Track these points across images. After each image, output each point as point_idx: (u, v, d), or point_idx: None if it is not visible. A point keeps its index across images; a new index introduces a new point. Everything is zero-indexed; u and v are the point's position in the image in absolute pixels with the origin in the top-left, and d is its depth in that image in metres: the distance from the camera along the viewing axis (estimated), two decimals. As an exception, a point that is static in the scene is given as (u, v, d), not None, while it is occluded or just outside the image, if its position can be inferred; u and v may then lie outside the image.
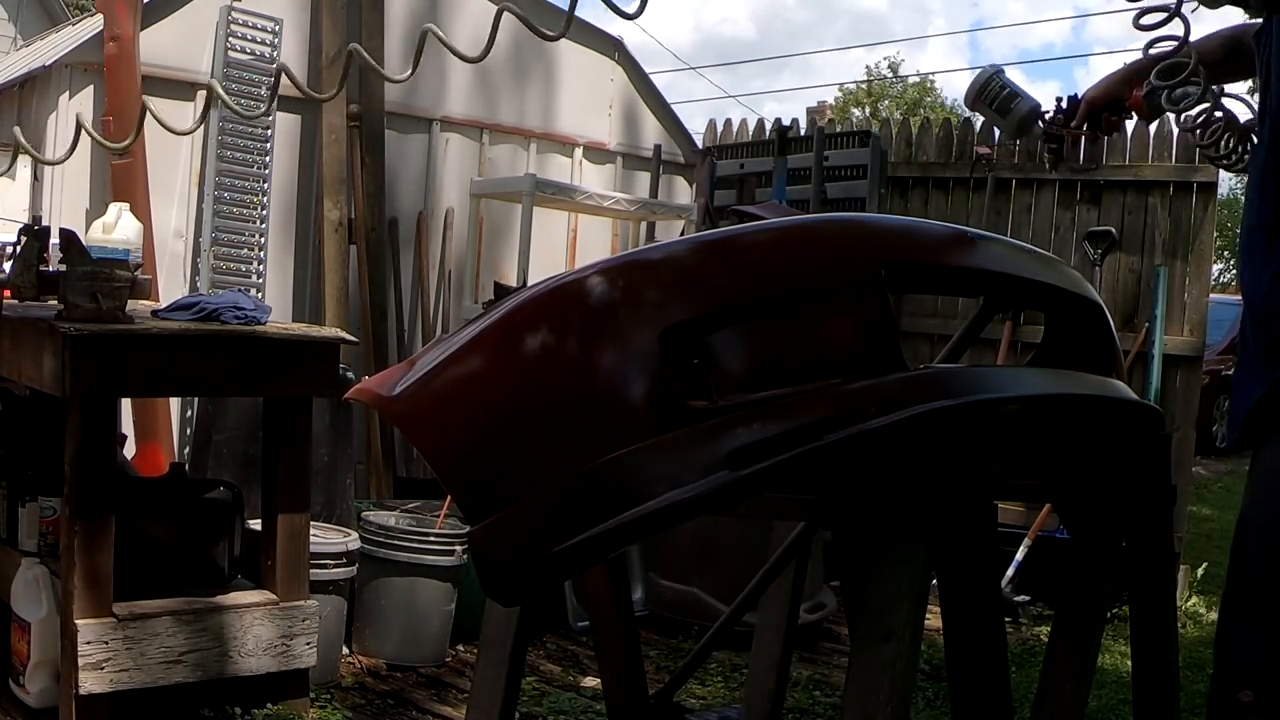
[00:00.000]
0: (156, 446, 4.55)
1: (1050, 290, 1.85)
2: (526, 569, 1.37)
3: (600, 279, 1.46)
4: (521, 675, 2.08)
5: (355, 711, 3.41)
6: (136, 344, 2.96)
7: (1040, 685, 1.99)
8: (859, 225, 1.73)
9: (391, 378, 1.54)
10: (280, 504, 3.28)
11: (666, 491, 1.32)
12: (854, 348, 1.45)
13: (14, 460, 3.46)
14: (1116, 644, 4.32)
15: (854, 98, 32.31)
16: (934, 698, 3.72)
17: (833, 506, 1.64)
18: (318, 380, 3.27)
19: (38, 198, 4.71)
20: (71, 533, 2.91)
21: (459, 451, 1.42)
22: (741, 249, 1.53)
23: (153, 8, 4.73)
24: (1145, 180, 5.42)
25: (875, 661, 1.44)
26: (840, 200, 5.82)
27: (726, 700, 3.64)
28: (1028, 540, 4.85)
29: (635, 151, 6.52)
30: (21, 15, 13.75)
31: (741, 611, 2.34)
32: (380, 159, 5.30)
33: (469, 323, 1.54)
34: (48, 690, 3.11)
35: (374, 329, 5.24)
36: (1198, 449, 5.91)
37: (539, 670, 3.85)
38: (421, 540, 3.83)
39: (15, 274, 3.36)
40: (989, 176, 5.74)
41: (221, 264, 4.87)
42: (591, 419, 1.37)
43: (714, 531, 4.18)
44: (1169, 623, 2.00)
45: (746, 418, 1.35)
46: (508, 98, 5.95)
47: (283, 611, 3.24)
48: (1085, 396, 1.76)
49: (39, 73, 4.81)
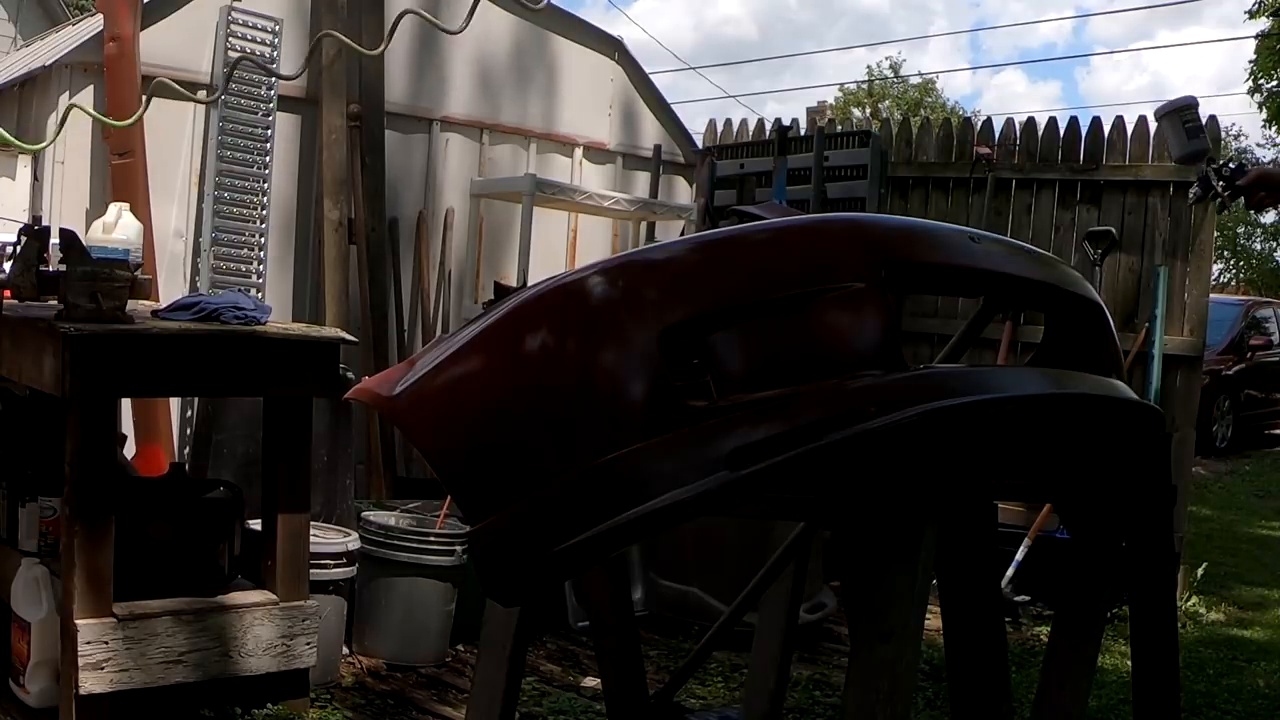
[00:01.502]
0: (156, 446, 4.55)
1: (1050, 290, 1.85)
2: (526, 569, 1.37)
3: (600, 279, 1.46)
4: (521, 675, 2.08)
5: (355, 711, 3.41)
6: (136, 344, 2.96)
7: (1040, 685, 1.99)
8: (859, 225, 1.73)
9: (391, 378, 1.54)
10: (280, 504, 3.28)
11: (667, 491, 1.32)
12: (854, 348, 1.45)
13: (14, 460, 3.46)
14: (1116, 644, 4.32)
15: (854, 98, 32.30)
16: (934, 698, 3.71)
17: (833, 506, 1.64)
18: (318, 380, 3.27)
19: (38, 198, 4.71)
20: (71, 533, 2.91)
21: (459, 451, 1.42)
22: (742, 249, 1.53)
23: (153, 8, 4.73)
24: (1145, 180, 5.41)
25: (875, 661, 1.44)
26: (840, 200, 5.82)
27: (726, 700, 3.64)
28: (1028, 540, 4.84)
29: (635, 151, 6.52)
30: (21, 15, 13.75)
31: (741, 611, 2.34)
32: (380, 159, 5.30)
33: (469, 323, 1.54)
34: (48, 690, 3.11)
35: (374, 329, 5.24)
36: (1198, 449, 5.91)
37: (539, 670, 3.85)
38: (421, 540, 3.83)
39: (15, 274, 3.36)
40: (989, 176, 5.74)
41: (221, 264, 4.87)
42: (591, 419, 1.37)
43: (714, 531, 4.17)
44: (1169, 623, 1.99)
45: (746, 418, 1.35)
46: (508, 98, 5.95)
47: (283, 611, 3.24)
48: (1085, 397, 1.76)
49: (39, 73, 4.81)
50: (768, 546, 2.53)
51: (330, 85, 5.08)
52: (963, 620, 1.78)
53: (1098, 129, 5.61)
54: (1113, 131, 5.55)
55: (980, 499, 1.82)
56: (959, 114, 29.09)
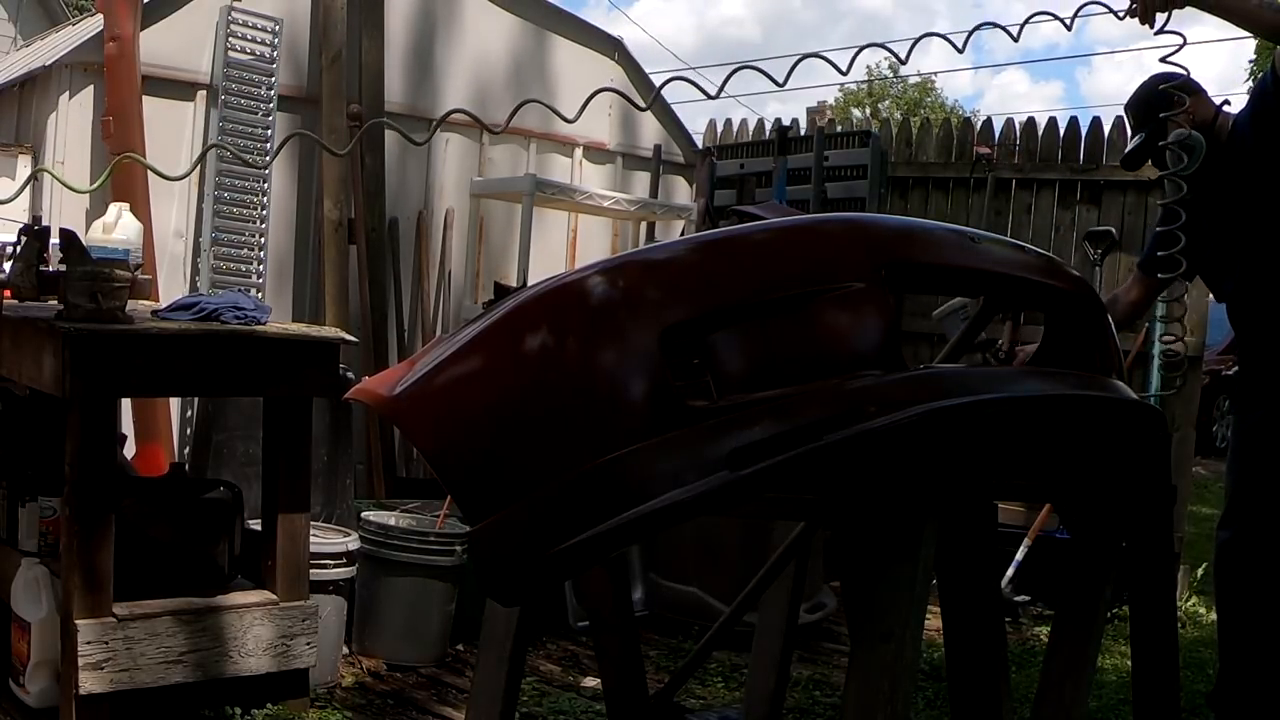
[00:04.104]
0: (156, 446, 4.55)
1: (1050, 290, 1.85)
2: (526, 569, 1.37)
3: (600, 279, 1.46)
4: (521, 675, 2.08)
5: (355, 711, 3.41)
6: (136, 344, 2.96)
7: (1040, 685, 1.99)
8: (859, 225, 1.73)
9: (391, 378, 1.54)
10: (280, 504, 3.28)
11: (667, 491, 1.32)
12: (854, 348, 1.45)
13: (14, 460, 3.46)
14: (1116, 644, 4.32)
15: (854, 98, 32.29)
16: (934, 698, 3.71)
17: (833, 506, 1.64)
18: (318, 380, 3.27)
19: (38, 198, 4.71)
20: (71, 533, 2.91)
21: (459, 451, 1.42)
22: (742, 249, 1.53)
23: (153, 8, 4.73)
24: (1145, 180, 5.41)
25: (875, 661, 1.45)
26: (840, 200, 5.82)
27: (726, 700, 3.64)
28: (1028, 540, 4.84)
29: (635, 151, 6.52)
30: (21, 15, 13.76)
31: (741, 611, 2.34)
32: (380, 159, 5.30)
33: (469, 323, 1.54)
34: (48, 690, 3.11)
35: (374, 329, 5.24)
36: (1198, 449, 5.90)
37: (539, 670, 3.84)
38: (421, 540, 3.83)
39: (15, 274, 3.36)
40: (989, 176, 5.74)
41: (221, 264, 4.87)
42: (592, 419, 1.36)
43: (714, 531, 4.17)
44: (1169, 623, 2.00)
45: (747, 418, 1.35)
46: (508, 98, 5.95)
47: (283, 611, 3.24)
48: (1085, 397, 1.76)
49: (39, 73, 4.80)
50: (768, 546, 2.53)
51: (330, 85, 5.08)
52: (963, 620, 1.78)
53: (1098, 129, 5.61)
54: (1113, 131, 5.55)
55: (980, 499, 1.82)
56: (959, 114, 29.08)
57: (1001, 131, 5.86)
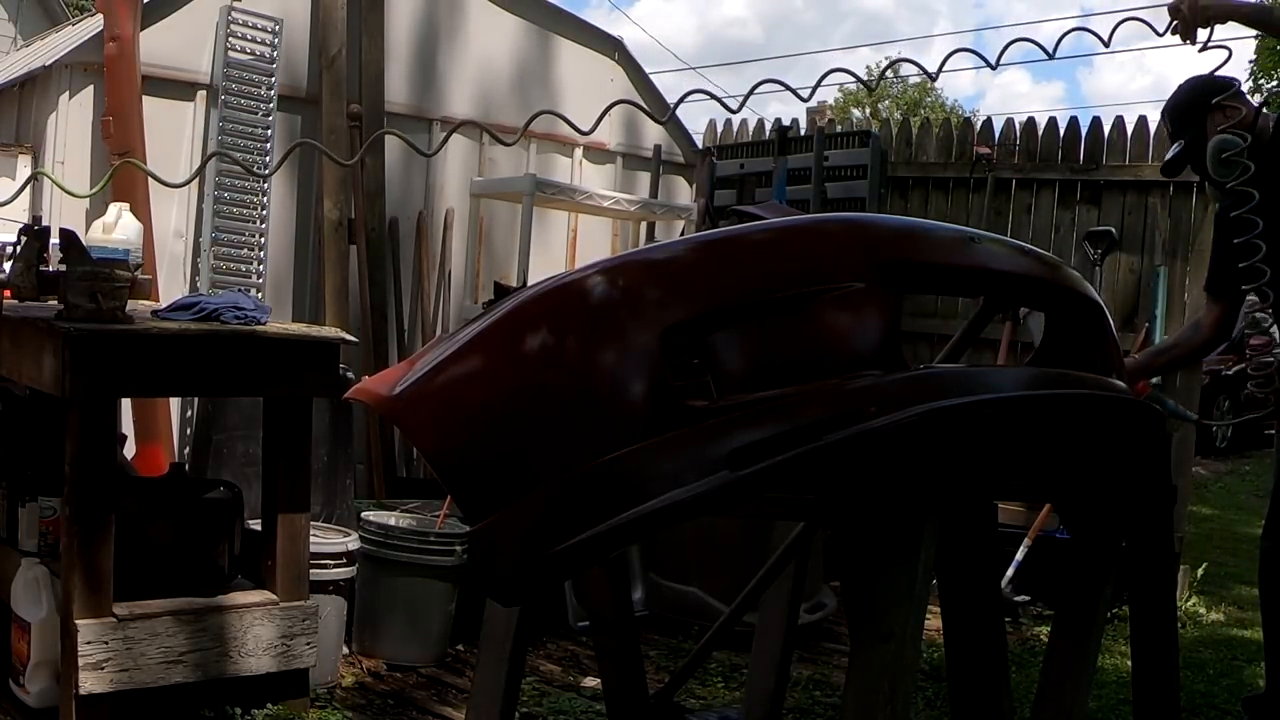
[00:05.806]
0: (156, 446, 4.54)
1: (1050, 290, 1.85)
2: (526, 569, 1.37)
3: (601, 279, 1.46)
4: (521, 675, 2.08)
5: (355, 711, 3.41)
6: (136, 344, 2.96)
7: (1040, 685, 1.99)
8: (859, 225, 1.73)
9: (392, 377, 1.54)
10: (280, 504, 3.28)
11: (667, 491, 1.32)
12: (854, 348, 1.45)
13: (14, 460, 3.46)
14: (1116, 644, 4.32)
15: (854, 98, 32.29)
16: (934, 698, 3.71)
17: (833, 506, 1.65)
18: (318, 380, 3.26)
19: (38, 198, 4.71)
20: (71, 533, 2.91)
21: (459, 451, 1.42)
22: (742, 249, 1.53)
23: (153, 8, 4.73)
24: (1145, 180, 5.41)
25: (875, 661, 1.44)
26: (840, 200, 5.82)
27: (726, 700, 3.64)
28: (1028, 540, 4.84)
29: (635, 151, 6.51)
30: (21, 15, 13.76)
31: (741, 611, 2.35)
32: (380, 159, 5.30)
33: (469, 323, 1.54)
34: (48, 690, 3.11)
35: (374, 329, 5.24)
36: (1198, 449, 5.91)
37: (539, 670, 3.84)
38: (421, 540, 3.83)
39: (15, 274, 3.36)
40: (989, 176, 5.74)
41: (221, 264, 4.87)
42: (592, 419, 1.36)
43: (714, 531, 4.17)
44: (1169, 623, 2.00)
45: (747, 418, 1.35)
46: (508, 98, 5.95)
47: (283, 611, 3.24)
48: (1085, 396, 1.76)
49: (39, 73, 4.80)
50: (768, 546, 2.53)
51: (330, 85, 5.08)
52: (963, 620, 1.78)
53: (1098, 129, 5.61)
54: (1113, 131, 5.56)
55: (980, 499, 1.82)
56: (959, 114, 29.09)
57: (1001, 131, 5.86)
